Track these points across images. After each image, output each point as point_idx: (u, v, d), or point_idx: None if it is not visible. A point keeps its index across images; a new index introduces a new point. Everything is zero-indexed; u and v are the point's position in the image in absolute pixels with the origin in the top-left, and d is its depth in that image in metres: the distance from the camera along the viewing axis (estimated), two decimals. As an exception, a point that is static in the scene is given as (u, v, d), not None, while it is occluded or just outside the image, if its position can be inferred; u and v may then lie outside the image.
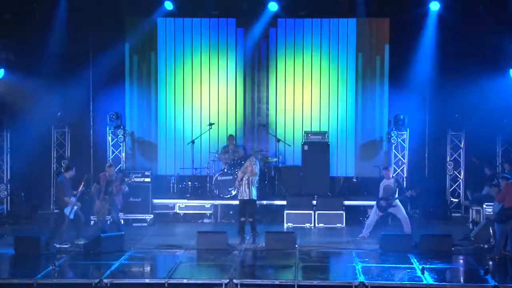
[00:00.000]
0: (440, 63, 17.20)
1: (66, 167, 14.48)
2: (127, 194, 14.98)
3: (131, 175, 15.45)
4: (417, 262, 12.31)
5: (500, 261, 12.70)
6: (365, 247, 13.68)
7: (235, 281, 11.03)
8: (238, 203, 14.59)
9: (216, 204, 16.73)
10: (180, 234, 15.13)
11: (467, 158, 17.64)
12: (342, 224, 16.03)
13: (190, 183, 17.31)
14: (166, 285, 11.07)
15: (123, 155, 17.88)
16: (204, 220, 16.74)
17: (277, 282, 11.15)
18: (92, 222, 15.55)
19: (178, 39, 18.13)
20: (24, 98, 16.64)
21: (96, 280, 11.06)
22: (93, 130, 18.17)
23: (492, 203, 14.07)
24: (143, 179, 16.36)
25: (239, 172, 14.70)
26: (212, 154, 17.42)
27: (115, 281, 11.12)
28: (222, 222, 16.62)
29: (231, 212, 16.53)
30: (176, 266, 12.05)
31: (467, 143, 17.69)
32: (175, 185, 17.75)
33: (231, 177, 16.49)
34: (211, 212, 16.74)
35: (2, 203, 17.36)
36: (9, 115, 17.20)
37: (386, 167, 15.19)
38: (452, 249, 13.29)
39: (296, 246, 13.47)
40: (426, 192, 16.63)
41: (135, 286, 11.15)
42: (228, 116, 18.20)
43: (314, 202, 16.37)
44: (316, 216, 16.10)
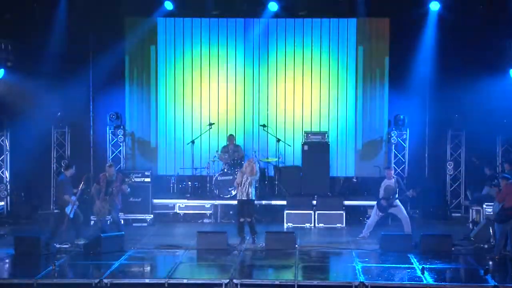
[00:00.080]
0: (440, 63, 17.20)
1: (66, 165, 14.48)
2: (128, 194, 14.97)
3: (131, 175, 15.44)
4: (417, 262, 12.30)
5: (500, 261, 12.70)
6: (365, 247, 13.68)
7: (235, 281, 11.04)
8: (237, 203, 14.48)
9: (216, 204, 16.73)
10: (180, 234, 15.12)
11: (467, 158, 17.64)
12: (342, 224, 16.03)
13: (190, 183, 17.29)
14: (166, 285, 11.07)
15: (123, 155, 17.90)
16: (204, 220, 16.74)
17: (277, 282, 11.15)
18: (92, 222, 15.56)
19: (178, 39, 18.13)
20: (24, 98, 16.63)
21: (96, 280, 11.07)
22: (93, 130, 18.17)
23: (492, 203, 14.08)
24: (143, 179, 16.36)
25: (238, 173, 14.44)
26: (212, 154, 17.41)
27: (115, 281, 11.12)
28: (222, 222, 16.62)
29: (231, 212, 16.52)
30: (176, 266, 12.05)
31: (467, 143, 17.68)
32: (175, 185, 17.73)
33: (231, 177, 16.48)
34: (211, 212, 16.75)
35: (2, 203, 17.35)
36: (9, 115, 17.18)
37: (388, 167, 15.18)
38: (452, 249, 13.29)
39: (296, 246, 13.47)
40: (426, 192, 16.66)
41: (135, 286, 11.16)
42: (228, 116, 18.21)
43: (314, 202, 16.37)
44: (316, 216, 16.10)
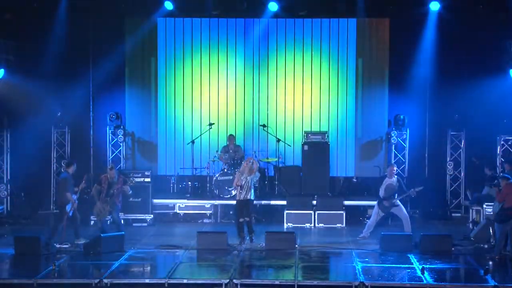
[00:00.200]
0: (440, 63, 17.20)
1: (68, 163, 14.48)
2: (129, 195, 14.97)
3: (133, 177, 15.46)
4: (417, 262, 12.31)
5: (500, 261, 12.70)
6: (365, 247, 13.68)
7: (235, 281, 11.04)
8: (236, 203, 14.42)
9: (216, 204, 16.73)
10: (180, 234, 15.12)
11: (467, 158, 17.64)
12: (342, 224, 16.03)
13: (190, 183, 17.29)
14: (166, 285, 11.07)
15: (123, 155, 17.90)
16: (204, 220, 16.74)
17: (277, 282, 11.15)
18: (92, 222, 15.57)
19: (178, 39, 18.13)
20: (24, 98, 16.64)
21: (96, 280, 11.07)
22: (93, 130, 18.16)
23: (492, 203, 14.07)
24: (143, 179, 16.36)
25: (237, 174, 14.33)
26: (212, 154, 17.40)
27: (115, 281, 11.13)
28: (222, 222, 16.62)
29: (231, 212, 16.51)
30: (176, 266, 12.05)
31: (467, 143, 17.67)
32: (175, 185, 17.74)
33: (231, 177, 16.45)
34: (211, 212, 16.75)
35: (2, 203, 17.34)
36: (9, 115, 17.19)
37: (392, 163, 15.09)
38: (452, 249, 13.30)
39: (296, 246, 13.47)
40: (426, 192, 16.64)
41: (135, 286, 11.16)
42: (228, 116, 18.21)
43: (314, 202, 16.37)
44: (316, 216, 16.11)
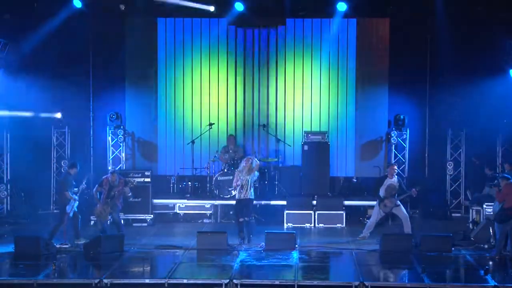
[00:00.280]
0: (440, 63, 17.21)
1: (71, 164, 14.41)
2: (129, 197, 14.97)
3: (133, 180, 15.47)
4: (417, 262, 12.30)
5: (500, 261, 12.69)
6: (365, 247, 13.67)
7: (235, 281, 11.04)
8: (235, 203, 14.41)
9: (216, 204, 16.73)
10: (180, 234, 15.12)
11: (467, 158, 17.64)
12: (342, 224, 16.02)
13: (190, 183, 17.28)
14: (166, 285, 11.07)
15: (123, 155, 17.89)
16: (204, 220, 16.73)
17: (277, 282, 11.14)
18: (91, 222, 15.57)
19: (178, 39, 18.13)
20: (24, 98, 16.62)
21: (96, 280, 11.06)
22: (93, 130, 18.18)
23: (492, 203, 14.08)
24: (143, 179, 16.36)
25: (236, 174, 14.34)
26: (212, 154, 17.41)
27: (115, 281, 11.11)
28: (222, 222, 16.61)
29: (231, 212, 16.49)
30: (176, 266, 12.04)
31: (467, 143, 17.68)
32: (175, 185, 17.74)
33: (231, 177, 16.40)
34: (211, 212, 16.74)
35: (2, 203, 17.35)
36: (9, 115, 17.17)
37: (392, 163, 15.06)
38: (452, 249, 13.29)
39: (296, 246, 13.47)
40: (426, 192, 16.65)
41: (135, 286, 11.15)
42: (228, 116, 18.21)
43: (314, 202, 16.36)
44: (316, 216, 16.10)
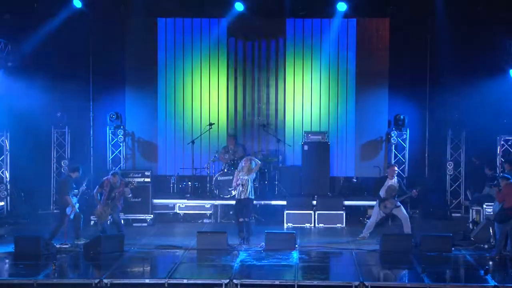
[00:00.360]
0: (440, 63, 17.21)
1: (74, 168, 14.38)
2: (129, 198, 14.98)
3: (133, 180, 15.46)
4: (417, 262, 12.30)
5: (500, 261, 12.69)
6: (365, 247, 13.67)
7: (235, 281, 11.03)
8: (235, 203, 14.48)
9: (216, 204, 16.72)
10: (180, 234, 15.12)
11: (467, 158, 17.64)
12: (342, 224, 16.02)
13: (190, 183, 17.28)
14: (166, 285, 11.06)
15: (123, 155, 17.90)
16: (204, 220, 16.74)
17: (277, 282, 11.13)
18: (92, 222, 15.57)
19: (178, 39, 18.12)
20: (24, 98, 16.62)
21: (96, 280, 11.06)
22: (93, 130, 18.18)
23: (492, 203, 14.08)
24: (143, 179, 16.36)
25: (236, 173, 14.42)
26: (212, 154, 17.42)
27: (115, 281, 11.11)
28: (222, 222, 16.62)
29: (231, 212, 16.49)
30: (176, 266, 12.04)
31: (467, 143, 17.67)
32: (175, 185, 17.74)
33: (231, 177, 16.39)
34: (211, 212, 16.74)
35: (2, 203, 17.33)
36: (9, 115, 17.16)
37: (393, 164, 15.04)
38: (452, 249, 13.30)
39: (296, 246, 13.47)
40: (426, 192, 16.65)
41: (135, 286, 11.14)
42: (228, 116, 18.21)
43: (314, 202, 16.36)
44: (316, 216, 16.10)
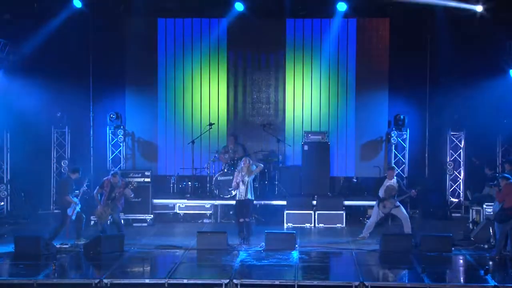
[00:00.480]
0: (440, 63, 17.22)
1: (74, 169, 14.38)
2: (131, 198, 14.97)
3: (134, 180, 15.47)
4: (417, 262, 12.30)
5: (500, 261, 12.69)
6: (365, 247, 13.67)
7: (235, 281, 11.04)
8: (235, 203, 14.50)
9: (216, 204, 16.73)
10: (180, 234, 15.12)
11: (467, 158, 17.64)
12: (342, 224, 16.02)
13: (190, 183, 17.29)
14: (166, 285, 11.06)
15: (123, 155, 17.90)
16: (204, 220, 16.74)
17: (277, 282, 11.13)
18: (92, 222, 15.57)
19: (178, 39, 18.12)
20: (24, 98, 16.62)
21: (96, 280, 11.06)
22: (93, 130, 18.18)
23: (492, 203, 14.08)
24: (143, 179, 16.36)
25: (235, 173, 14.42)
26: (212, 154, 17.43)
27: (115, 281, 11.11)
28: (222, 222, 16.62)
29: (231, 212, 16.50)
30: (176, 266, 12.04)
31: (467, 143, 17.68)
32: (175, 185, 17.74)
33: (231, 177, 16.40)
34: (211, 212, 16.74)
35: (2, 203, 17.34)
36: (9, 115, 17.17)
37: (391, 167, 15.07)
38: (452, 249, 13.30)
39: (296, 246, 13.47)
40: (426, 192, 16.65)
41: (135, 286, 11.14)
42: (228, 116, 18.21)
43: (314, 202, 16.36)
44: (316, 216, 16.10)
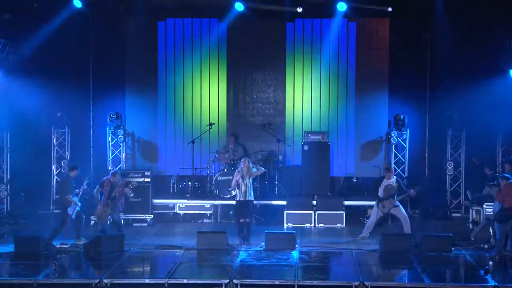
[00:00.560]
0: (440, 63, 17.21)
1: (72, 166, 14.43)
2: (131, 197, 14.98)
3: (133, 180, 15.47)
4: (417, 262, 12.30)
5: (500, 261, 12.69)
6: (365, 247, 13.68)
7: (235, 281, 11.04)
8: (235, 204, 14.52)
9: (216, 204, 16.73)
10: (180, 234, 15.13)
11: (467, 158, 17.64)
12: (342, 224, 16.03)
13: (190, 183, 17.29)
14: (166, 285, 11.07)
15: (123, 155, 17.89)
16: (204, 220, 16.74)
17: (277, 282, 11.13)
18: (92, 222, 15.57)
19: (178, 38, 18.12)
20: (24, 98, 16.62)
21: (96, 280, 11.06)
22: (93, 130, 18.18)
23: (492, 203, 14.08)
24: (143, 179, 16.36)
25: (235, 173, 14.44)
26: (212, 154, 17.44)
27: (115, 281, 11.11)
28: (222, 222, 16.63)
29: (231, 212, 16.51)
30: (176, 266, 12.04)
31: (467, 143, 17.68)
32: (175, 185, 17.74)
33: (231, 177, 16.41)
34: (211, 212, 16.75)
35: (2, 203, 17.34)
36: (9, 115, 17.17)
37: (389, 168, 15.08)
38: (452, 249, 13.30)
39: (296, 246, 13.47)
40: (426, 192, 16.65)
41: (135, 286, 11.14)
42: (228, 116, 18.21)
43: (314, 202, 16.36)
44: (316, 216, 16.10)
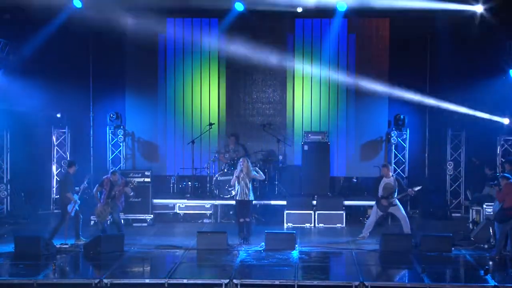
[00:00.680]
0: (440, 63, 17.21)
1: (70, 163, 14.47)
2: (131, 196, 14.97)
3: (133, 179, 15.48)
4: (417, 262, 12.30)
5: (500, 261, 12.69)
6: (365, 247, 13.68)
7: (235, 281, 11.04)
8: (235, 204, 14.53)
9: (216, 204, 16.73)
10: (180, 234, 15.13)
11: (467, 158, 17.65)
12: (342, 224, 16.03)
13: (190, 183, 17.29)
14: (166, 285, 11.07)
15: (123, 155, 17.90)
16: (204, 220, 16.74)
17: (277, 282, 11.14)
18: (92, 222, 15.57)
19: (178, 38, 18.12)
20: (24, 98, 16.62)
21: (96, 280, 11.06)
22: (93, 130, 18.19)
23: (492, 203, 14.08)
24: (143, 179, 16.36)
25: (235, 173, 14.43)
26: (212, 154, 17.44)
27: (115, 281, 11.11)
28: (222, 222, 16.63)
29: (231, 212, 16.51)
30: (176, 266, 12.04)
31: (467, 143, 17.68)
32: (175, 185, 17.74)
33: (231, 177, 16.40)
34: (211, 212, 16.75)
35: (2, 203, 17.34)
36: (9, 115, 17.17)
37: (384, 164, 15.05)
38: (452, 249, 13.30)
39: (296, 246, 13.47)
40: (426, 192, 16.65)
41: (135, 286, 11.15)
42: (228, 116, 18.20)
43: (314, 202, 16.37)
44: (316, 216, 16.11)
